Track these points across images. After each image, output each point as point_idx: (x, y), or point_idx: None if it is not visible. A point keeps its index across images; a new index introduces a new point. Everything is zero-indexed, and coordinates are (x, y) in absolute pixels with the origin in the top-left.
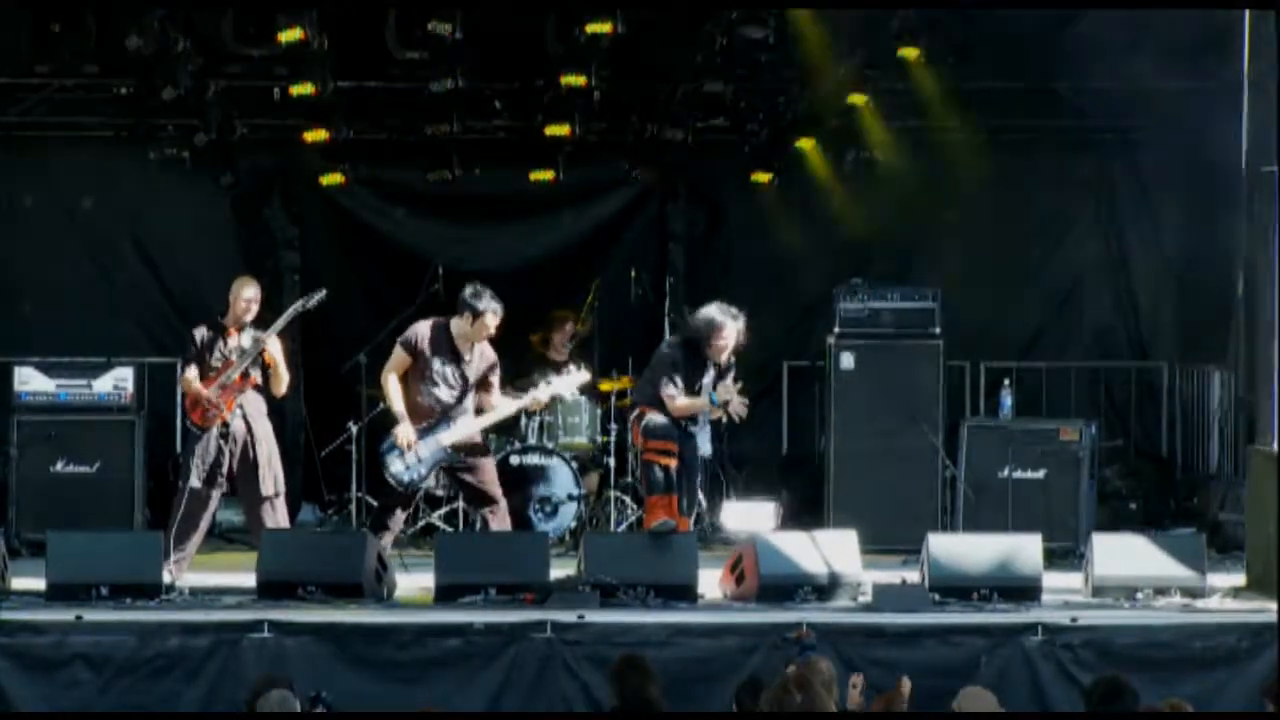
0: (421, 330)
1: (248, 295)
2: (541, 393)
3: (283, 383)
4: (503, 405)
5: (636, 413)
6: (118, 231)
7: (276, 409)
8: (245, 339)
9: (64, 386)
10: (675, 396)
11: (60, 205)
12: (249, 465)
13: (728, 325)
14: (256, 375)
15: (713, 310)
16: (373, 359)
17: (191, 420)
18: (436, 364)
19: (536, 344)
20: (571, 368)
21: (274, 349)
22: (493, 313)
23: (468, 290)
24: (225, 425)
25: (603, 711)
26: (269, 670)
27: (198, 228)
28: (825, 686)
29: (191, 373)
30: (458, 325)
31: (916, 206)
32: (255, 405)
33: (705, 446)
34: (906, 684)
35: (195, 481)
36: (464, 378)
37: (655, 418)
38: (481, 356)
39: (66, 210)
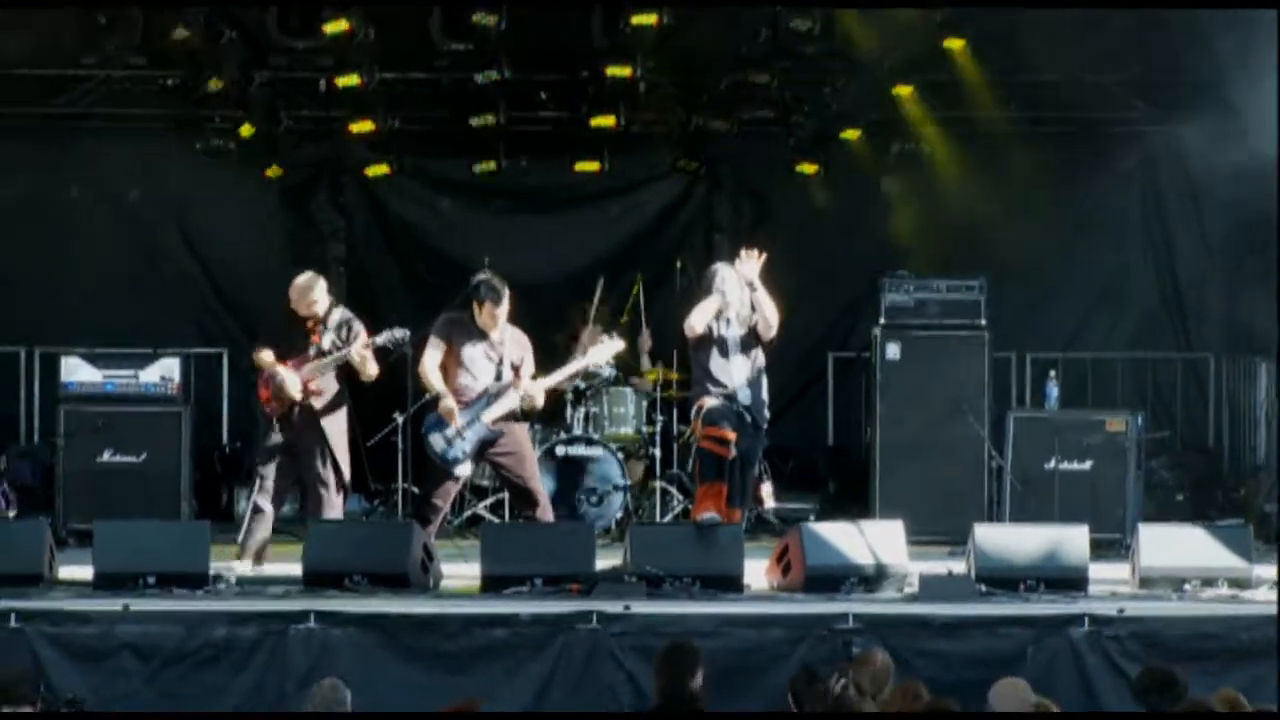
0: (448, 318)
1: (294, 296)
2: (575, 365)
3: (365, 376)
4: (542, 381)
5: (696, 407)
6: (164, 223)
7: None
8: (326, 338)
9: (111, 377)
10: (693, 319)
11: (107, 197)
12: (310, 465)
13: (720, 270)
14: (324, 384)
15: (713, 266)
16: (418, 351)
17: (261, 401)
18: (468, 347)
19: (562, 345)
20: (604, 338)
21: (363, 360)
22: (492, 302)
23: (475, 278)
24: (290, 415)
25: (640, 711)
26: (316, 662)
27: (244, 219)
28: (880, 678)
29: (268, 354)
30: (475, 311)
31: (962, 197)
32: (329, 399)
33: (744, 393)
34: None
35: (263, 501)
36: (497, 357)
37: (712, 403)
38: (512, 338)
39: (113, 202)
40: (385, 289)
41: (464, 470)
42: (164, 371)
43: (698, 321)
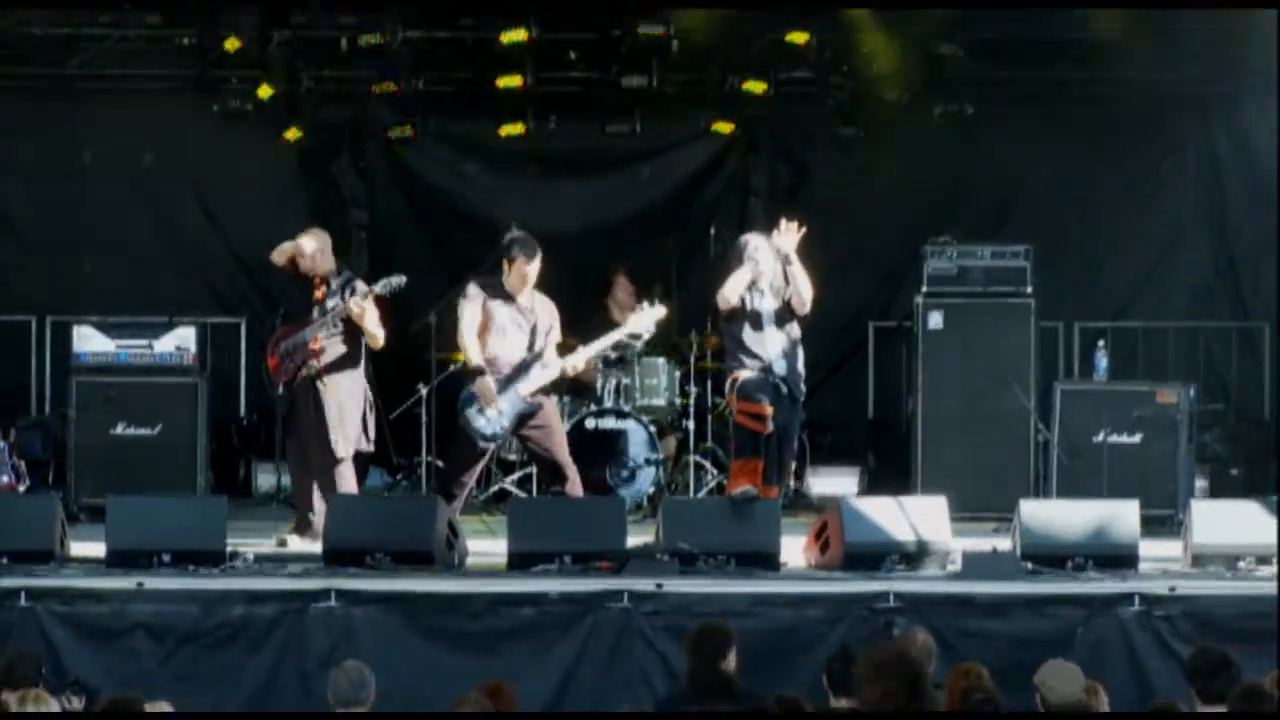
0: (480, 282)
1: (307, 251)
2: (615, 334)
3: (373, 339)
4: (579, 351)
5: (730, 380)
6: (180, 187)
7: None
8: (330, 299)
9: (124, 347)
10: (726, 291)
11: (121, 160)
12: (312, 430)
13: (752, 240)
14: (328, 344)
15: (745, 236)
16: (442, 320)
17: (269, 370)
18: (500, 315)
19: (593, 315)
20: (645, 304)
21: (362, 312)
22: (525, 257)
23: (505, 237)
24: (293, 386)
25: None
26: (337, 642)
27: (263, 184)
28: (922, 659)
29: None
30: (503, 274)
31: (1008, 160)
32: (333, 361)
33: (780, 365)
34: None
35: (295, 443)
36: (530, 327)
37: (747, 375)
38: (543, 305)
39: (127, 166)
40: (409, 255)
41: (495, 446)
42: (179, 341)
43: (731, 293)
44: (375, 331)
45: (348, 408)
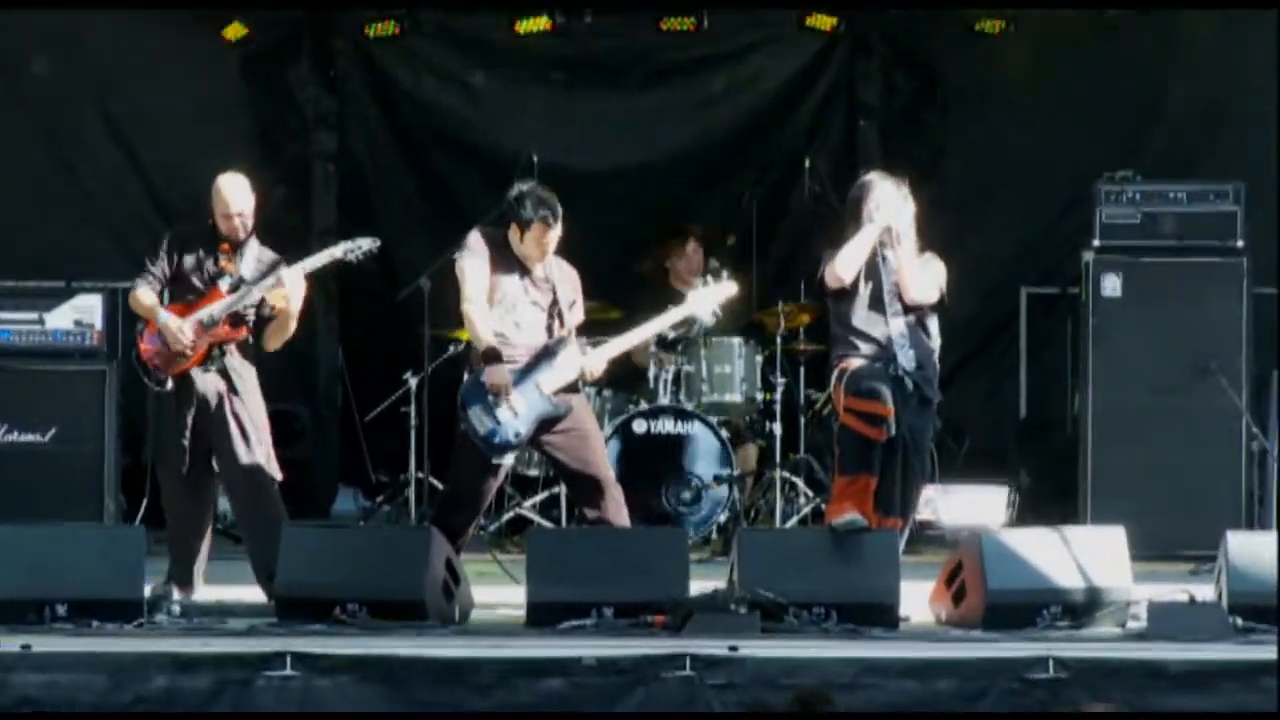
0: (487, 234)
1: (233, 206)
2: (668, 317)
3: (284, 334)
4: (615, 342)
5: (836, 371)
6: (82, 105)
7: (307, 356)
8: (245, 264)
9: (6, 323)
10: (835, 259)
11: (2, 69)
12: (227, 438)
13: (876, 183)
14: (240, 329)
15: (865, 179)
16: (438, 286)
17: (145, 364)
18: (507, 286)
19: (649, 275)
20: (710, 279)
21: (293, 289)
22: (542, 224)
23: (511, 192)
24: (189, 381)
25: None
26: None
27: (194, 100)
28: None
29: (146, 292)
30: (512, 238)
31: (1210, 68)
32: (241, 356)
33: (905, 355)
34: None
35: (175, 465)
36: (546, 299)
37: (860, 365)
38: (561, 272)
39: (11, 76)
40: (391, 196)
41: (510, 459)
42: (81, 314)
43: (846, 266)
44: (292, 324)
45: (263, 414)
